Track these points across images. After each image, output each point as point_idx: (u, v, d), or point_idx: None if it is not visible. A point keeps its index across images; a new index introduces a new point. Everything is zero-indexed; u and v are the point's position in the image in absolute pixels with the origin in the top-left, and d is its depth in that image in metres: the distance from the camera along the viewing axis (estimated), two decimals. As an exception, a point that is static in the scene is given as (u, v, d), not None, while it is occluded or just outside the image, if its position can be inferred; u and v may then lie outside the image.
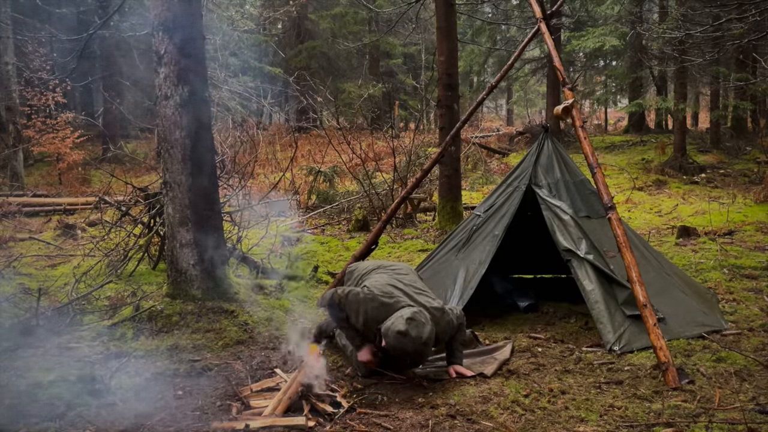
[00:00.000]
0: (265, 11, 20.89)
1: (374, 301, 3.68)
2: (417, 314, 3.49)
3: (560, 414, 3.24)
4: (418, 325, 3.44)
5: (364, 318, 3.70)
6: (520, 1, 19.13)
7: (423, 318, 3.49)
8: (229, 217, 6.79)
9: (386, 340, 3.48)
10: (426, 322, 3.49)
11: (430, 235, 8.77)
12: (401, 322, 3.43)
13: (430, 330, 3.48)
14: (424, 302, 3.70)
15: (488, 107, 33.28)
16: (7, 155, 13.76)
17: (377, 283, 3.84)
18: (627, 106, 19.45)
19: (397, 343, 3.42)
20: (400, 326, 3.41)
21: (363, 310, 3.70)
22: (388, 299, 3.67)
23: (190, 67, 4.61)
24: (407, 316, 3.45)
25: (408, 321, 3.43)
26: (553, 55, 5.07)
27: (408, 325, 3.41)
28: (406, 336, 3.39)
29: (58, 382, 3.53)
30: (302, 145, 16.77)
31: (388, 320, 3.52)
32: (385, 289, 3.75)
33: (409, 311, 3.50)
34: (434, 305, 3.72)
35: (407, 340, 3.39)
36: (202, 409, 3.39)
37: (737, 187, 11.72)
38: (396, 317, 3.50)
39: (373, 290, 3.74)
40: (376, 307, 3.66)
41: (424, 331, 3.44)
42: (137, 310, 4.59)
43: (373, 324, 3.64)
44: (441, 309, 3.73)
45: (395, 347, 3.44)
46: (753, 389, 3.43)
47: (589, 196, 4.92)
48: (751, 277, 5.88)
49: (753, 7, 7.81)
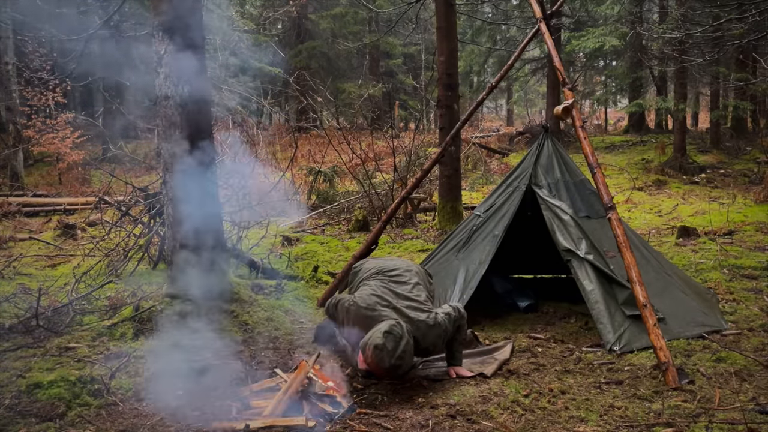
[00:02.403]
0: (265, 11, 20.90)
1: (357, 314, 3.71)
2: (395, 327, 3.46)
3: (560, 414, 3.24)
4: (395, 339, 3.41)
5: (348, 329, 3.79)
6: (520, 1, 19.13)
7: (400, 330, 3.46)
8: (229, 217, 6.79)
9: (364, 355, 3.47)
10: (403, 334, 3.45)
11: (430, 235, 8.77)
12: (379, 335, 3.42)
13: (406, 342, 3.45)
14: (412, 315, 3.65)
15: (488, 107, 33.29)
16: (7, 155, 13.76)
17: (365, 293, 3.83)
18: (627, 106, 19.46)
19: (375, 357, 3.40)
20: (378, 340, 3.40)
21: (348, 320, 3.78)
22: (370, 312, 3.67)
23: (190, 67, 4.62)
24: (384, 330, 3.43)
25: (385, 334, 3.41)
26: (553, 55, 5.07)
27: (385, 338, 3.40)
28: (384, 349, 3.38)
29: (58, 382, 3.53)
30: (302, 145, 16.75)
31: (367, 335, 3.51)
32: (369, 300, 3.73)
33: (387, 324, 3.48)
34: (421, 318, 3.65)
35: (384, 353, 3.38)
36: (202, 409, 3.39)
37: (737, 187, 11.72)
38: (374, 330, 3.48)
39: (358, 301, 3.75)
40: (359, 319, 3.69)
41: (401, 344, 3.41)
42: (137, 310, 4.59)
43: (357, 336, 3.67)
44: (431, 322, 3.65)
45: (373, 361, 3.43)
46: (753, 389, 3.43)
47: (589, 196, 4.92)
48: (751, 277, 5.88)
49: (753, 7, 7.81)
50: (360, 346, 3.52)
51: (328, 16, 21.47)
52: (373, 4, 16.93)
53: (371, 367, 3.51)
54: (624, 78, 18.23)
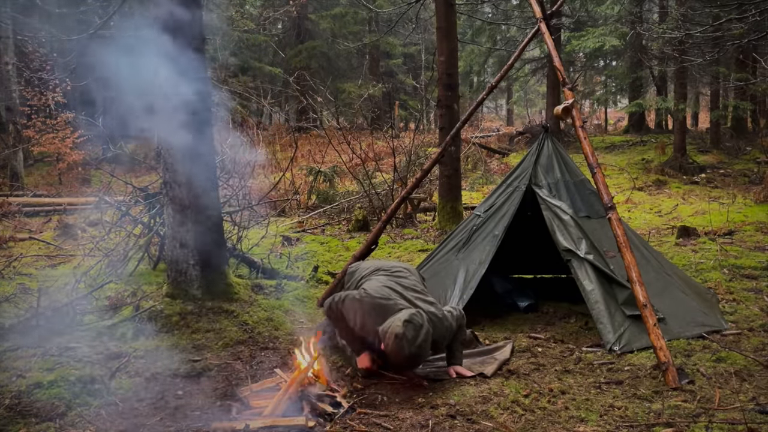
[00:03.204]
0: (265, 11, 20.90)
1: (372, 303, 3.67)
2: (415, 316, 3.48)
3: (560, 414, 3.24)
4: (416, 327, 3.42)
5: (362, 321, 3.70)
6: (520, 1, 19.13)
7: (420, 319, 3.48)
8: (229, 217, 6.79)
9: (384, 343, 3.47)
10: (423, 323, 3.47)
11: (430, 235, 8.77)
12: (399, 324, 3.42)
13: (426, 332, 3.46)
14: (423, 306, 3.68)
15: (488, 107, 33.30)
16: (7, 155, 13.76)
17: (374, 284, 3.83)
18: (627, 106, 19.45)
19: (395, 346, 3.40)
20: (398, 329, 3.40)
21: (360, 313, 3.71)
22: (385, 301, 3.66)
23: (190, 67, 4.62)
24: (405, 318, 3.44)
25: (405, 323, 3.41)
26: (553, 55, 5.07)
27: (405, 327, 3.40)
28: (404, 338, 3.38)
29: (58, 382, 3.53)
30: (302, 145, 16.76)
31: (386, 322, 3.50)
32: (382, 291, 3.73)
33: (407, 313, 3.49)
34: (432, 310, 3.69)
35: (404, 342, 3.38)
36: (202, 409, 3.39)
37: (737, 187, 11.72)
38: (394, 319, 3.48)
39: (371, 292, 3.73)
40: (374, 308, 3.66)
41: (421, 333, 3.43)
42: (137, 310, 4.59)
43: (372, 326, 3.63)
44: (439, 314, 3.70)
45: (393, 349, 3.43)
46: (753, 389, 3.43)
47: (589, 196, 4.92)
48: (751, 277, 5.87)
49: (753, 7, 7.81)
50: (381, 333, 3.50)
51: (328, 16, 21.47)
52: (373, 4, 16.93)
53: (390, 356, 3.50)
54: (624, 78, 18.23)
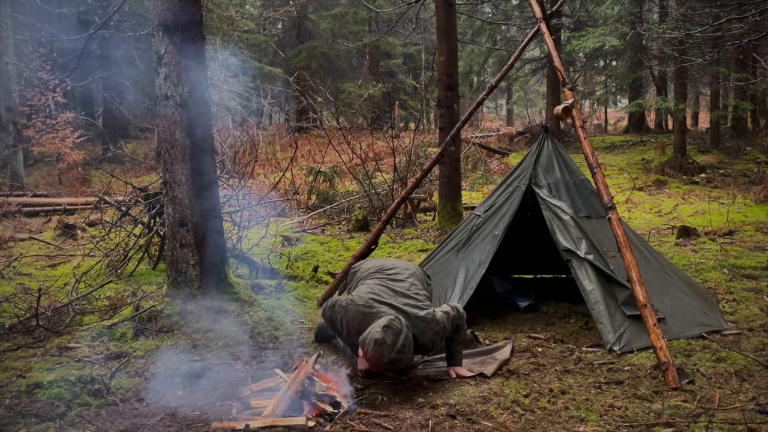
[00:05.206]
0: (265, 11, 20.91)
1: (355, 311, 3.69)
2: (394, 321, 3.46)
3: (560, 414, 3.24)
4: (395, 332, 3.41)
5: (347, 328, 3.75)
6: (520, 1, 19.13)
7: (399, 324, 3.45)
8: (229, 217, 6.79)
9: (363, 350, 3.47)
10: (402, 329, 3.45)
11: (430, 235, 8.77)
12: (378, 329, 3.41)
13: (406, 336, 3.44)
14: (410, 312, 3.65)
15: (488, 107, 33.29)
16: (7, 155, 13.76)
17: (362, 291, 3.83)
18: (627, 106, 19.45)
19: (374, 352, 3.39)
20: (377, 334, 3.39)
21: (346, 320, 3.75)
22: (368, 309, 3.66)
23: (190, 67, 4.62)
24: (384, 324, 3.43)
25: (384, 329, 3.40)
26: (553, 55, 5.07)
27: (384, 332, 3.39)
28: (383, 344, 3.37)
29: (58, 382, 3.53)
30: (302, 145, 16.78)
31: (366, 330, 3.50)
32: (367, 298, 3.73)
33: (385, 319, 3.47)
34: (420, 315, 3.65)
35: (384, 348, 3.37)
36: (202, 409, 3.39)
37: (737, 187, 11.72)
38: (373, 326, 3.47)
39: (356, 299, 3.74)
40: (357, 317, 3.67)
41: (401, 338, 3.41)
42: (137, 310, 4.59)
43: (355, 334, 3.64)
44: (429, 318, 3.66)
45: (373, 356, 3.42)
46: (753, 389, 3.43)
47: (589, 196, 4.92)
48: (751, 277, 5.87)
49: (753, 7, 7.81)
50: (359, 341, 3.51)
51: (328, 16, 21.47)
52: (373, 4, 16.93)
53: (371, 362, 3.50)
54: (624, 78, 18.22)
